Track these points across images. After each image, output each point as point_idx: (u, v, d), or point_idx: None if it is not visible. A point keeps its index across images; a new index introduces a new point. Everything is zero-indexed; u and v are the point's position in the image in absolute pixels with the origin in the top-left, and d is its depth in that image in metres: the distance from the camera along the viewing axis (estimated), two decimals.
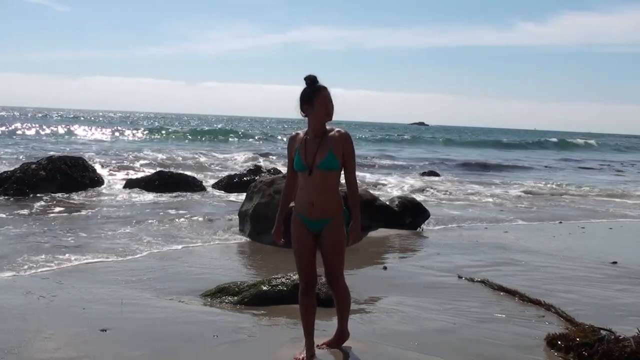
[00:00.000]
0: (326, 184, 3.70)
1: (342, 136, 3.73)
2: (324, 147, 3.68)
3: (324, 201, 3.71)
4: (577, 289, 6.08)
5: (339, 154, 3.69)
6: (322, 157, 3.66)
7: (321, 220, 3.74)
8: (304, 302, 3.89)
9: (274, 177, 9.52)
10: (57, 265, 6.32)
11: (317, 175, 3.68)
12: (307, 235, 3.80)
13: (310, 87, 3.71)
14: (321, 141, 3.70)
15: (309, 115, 3.73)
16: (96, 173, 13.44)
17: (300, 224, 3.82)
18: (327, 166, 3.67)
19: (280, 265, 6.69)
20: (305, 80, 3.72)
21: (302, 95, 3.73)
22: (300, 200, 3.79)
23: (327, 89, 3.72)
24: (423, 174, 20.04)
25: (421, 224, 9.71)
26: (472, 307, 5.32)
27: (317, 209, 3.71)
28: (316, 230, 3.79)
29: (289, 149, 3.85)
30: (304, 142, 3.74)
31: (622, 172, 26.44)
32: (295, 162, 3.76)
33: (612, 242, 9.29)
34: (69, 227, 8.47)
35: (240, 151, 27.02)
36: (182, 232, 8.44)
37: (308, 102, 3.70)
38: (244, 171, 15.22)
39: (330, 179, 3.71)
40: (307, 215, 3.76)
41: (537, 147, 49.32)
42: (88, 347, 4.07)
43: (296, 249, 3.86)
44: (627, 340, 4.08)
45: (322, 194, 3.70)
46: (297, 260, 3.88)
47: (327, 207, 3.72)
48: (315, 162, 3.67)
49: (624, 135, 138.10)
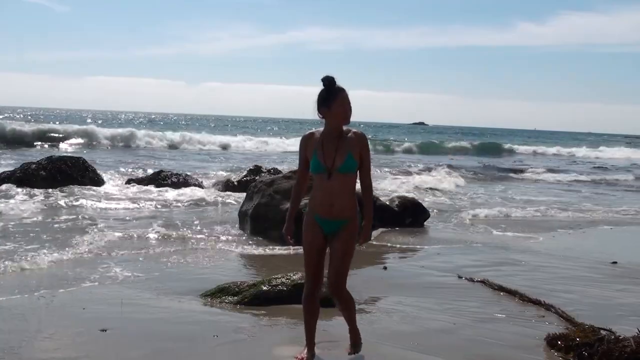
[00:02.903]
0: (345, 186, 3.69)
1: (359, 137, 3.72)
2: (342, 150, 3.66)
3: (343, 202, 3.70)
4: (577, 289, 6.08)
5: (357, 156, 3.69)
6: (342, 160, 3.65)
7: (339, 221, 3.73)
8: (309, 305, 3.86)
9: (273, 177, 9.53)
10: (56, 265, 6.31)
11: (337, 177, 3.66)
12: (320, 237, 3.77)
13: (328, 89, 3.67)
14: (339, 143, 3.68)
15: (327, 117, 3.70)
16: (96, 173, 13.43)
17: (314, 224, 3.78)
18: (347, 169, 3.66)
19: (280, 265, 6.69)
20: (322, 82, 3.67)
21: (320, 97, 3.69)
22: (318, 201, 3.75)
23: (345, 91, 3.69)
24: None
25: (422, 224, 9.72)
26: (472, 307, 5.32)
27: (337, 210, 3.70)
28: (331, 231, 3.76)
29: (302, 148, 3.82)
30: (320, 143, 3.71)
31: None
32: (313, 165, 3.72)
33: (612, 242, 9.29)
34: (65, 224, 8.47)
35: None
36: (181, 232, 8.42)
37: (326, 104, 3.67)
38: (244, 171, 15.21)
39: (349, 180, 3.71)
40: (325, 216, 3.72)
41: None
42: (88, 347, 4.07)
43: (308, 249, 3.81)
44: (627, 340, 4.08)
45: (342, 195, 3.69)
46: (307, 261, 3.82)
47: (346, 208, 3.71)
48: (334, 165, 3.65)
49: (624, 135, 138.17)
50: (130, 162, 19.72)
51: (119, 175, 15.10)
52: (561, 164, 30.30)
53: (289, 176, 9.18)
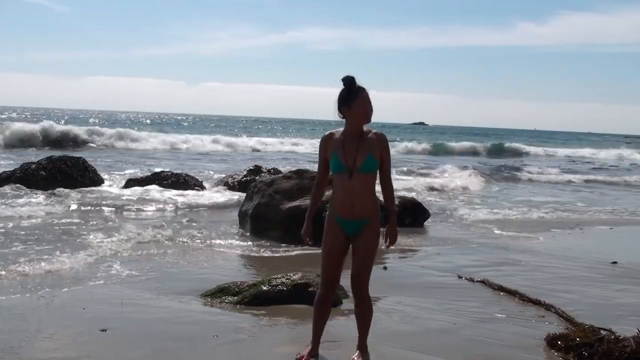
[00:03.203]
0: (366, 186, 3.69)
1: (380, 138, 3.73)
2: (363, 149, 3.67)
3: (365, 202, 3.70)
4: (577, 289, 6.08)
5: (378, 156, 3.69)
6: (363, 160, 3.65)
7: (360, 221, 3.73)
8: (321, 307, 3.84)
9: (273, 177, 9.53)
10: (56, 265, 6.31)
11: (358, 177, 3.66)
12: (341, 238, 3.76)
13: (348, 89, 3.66)
14: (360, 143, 3.68)
15: (347, 117, 3.69)
16: (96, 173, 13.43)
17: (335, 226, 3.77)
18: (368, 169, 3.67)
19: (280, 265, 6.70)
20: (343, 82, 3.66)
21: (340, 97, 3.68)
22: (339, 201, 3.74)
23: (366, 90, 3.68)
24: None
25: (422, 224, 9.71)
26: (472, 307, 5.32)
27: (358, 209, 3.70)
28: (353, 231, 3.75)
29: (322, 149, 3.80)
30: (341, 143, 3.70)
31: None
32: (334, 164, 3.71)
33: (612, 242, 9.30)
34: (65, 225, 8.48)
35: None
36: (181, 232, 8.43)
37: (347, 104, 3.66)
38: (244, 171, 15.20)
39: (370, 180, 3.71)
40: (346, 216, 3.72)
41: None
42: (88, 347, 4.07)
43: (328, 251, 3.78)
44: (627, 340, 4.08)
45: (363, 195, 3.69)
46: (327, 262, 3.79)
47: (367, 208, 3.72)
48: (355, 165, 3.65)
49: (624, 135, 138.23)
50: (130, 162, 19.73)
51: (119, 175, 15.11)
52: (576, 166, 29.25)
53: (289, 176, 9.19)
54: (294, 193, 8.65)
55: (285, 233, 8.08)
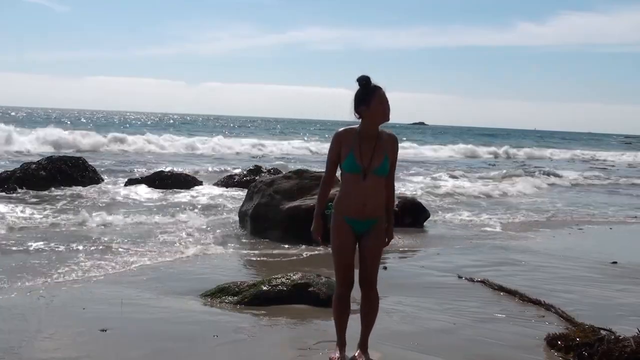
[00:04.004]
0: (378, 186, 3.70)
1: (393, 140, 3.73)
2: (379, 151, 3.65)
3: (375, 202, 3.71)
4: (577, 289, 6.08)
5: (392, 158, 3.71)
6: (379, 161, 3.64)
7: (370, 220, 3.73)
8: (341, 306, 3.85)
9: (273, 177, 9.54)
10: (55, 265, 6.31)
11: (371, 179, 3.65)
12: (352, 237, 3.76)
13: (365, 88, 3.63)
14: (376, 144, 3.66)
15: (365, 116, 3.65)
16: (96, 173, 13.44)
17: (344, 225, 3.75)
18: (383, 171, 3.68)
19: (280, 265, 6.69)
20: (358, 82, 3.63)
21: (357, 96, 3.65)
22: (349, 201, 3.71)
23: (382, 89, 3.64)
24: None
25: (422, 224, 9.71)
26: (472, 307, 5.32)
27: (369, 209, 3.70)
28: (362, 231, 3.75)
29: (336, 144, 3.73)
30: (358, 143, 3.66)
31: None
32: (348, 164, 3.66)
33: (612, 242, 9.30)
34: (65, 226, 8.47)
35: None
36: (181, 232, 8.43)
37: (364, 103, 3.62)
38: (244, 171, 15.21)
39: (382, 181, 3.72)
40: (356, 215, 3.70)
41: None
42: (88, 347, 4.07)
43: (339, 251, 3.77)
44: (627, 340, 4.08)
45: (374, 196, 3.69)
46: (341, 262, 3.78)
47: (377, 208, 3.73)
48: (371, 167, 3.64)
49: (624, 134, 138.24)
50: (130, 162, 19.72)
51: (119, 175, 15.11)
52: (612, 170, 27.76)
53: (289, 176, 9.19)
54: (294, 193, 8.65)
55: (285, 233, 8.08)
